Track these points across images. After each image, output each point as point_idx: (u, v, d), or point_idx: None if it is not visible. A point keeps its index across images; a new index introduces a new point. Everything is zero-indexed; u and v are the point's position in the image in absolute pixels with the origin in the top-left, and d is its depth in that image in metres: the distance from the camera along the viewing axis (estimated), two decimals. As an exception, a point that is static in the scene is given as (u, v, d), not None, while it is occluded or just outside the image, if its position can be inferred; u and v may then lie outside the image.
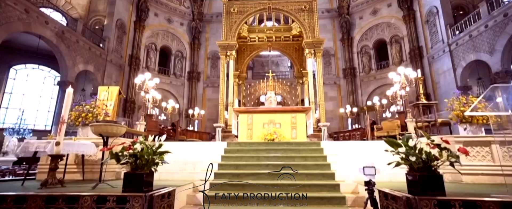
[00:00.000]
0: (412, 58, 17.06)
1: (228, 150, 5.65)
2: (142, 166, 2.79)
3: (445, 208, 2.28)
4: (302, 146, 5.89)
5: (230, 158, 5.33)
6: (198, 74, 20.27)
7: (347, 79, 19.69)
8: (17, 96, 16.03)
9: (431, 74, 16.53)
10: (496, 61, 12.61)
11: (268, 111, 7.81)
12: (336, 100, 19.63)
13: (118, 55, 16.78)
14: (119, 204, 2.53)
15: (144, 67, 18.48)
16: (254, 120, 7.34)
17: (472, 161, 4.07)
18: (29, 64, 16.41)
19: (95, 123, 3.39)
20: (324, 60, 20.18)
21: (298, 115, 7.36)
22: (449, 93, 15.03)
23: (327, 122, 10.47)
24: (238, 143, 6.43)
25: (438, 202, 2.29)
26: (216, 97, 19.48)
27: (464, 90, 14.47)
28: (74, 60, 13.88)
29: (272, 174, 4.50)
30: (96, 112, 4.85)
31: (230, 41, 10.04)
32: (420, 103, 5.82)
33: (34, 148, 3.64)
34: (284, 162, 5.01)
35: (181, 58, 20.47)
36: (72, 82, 13.90)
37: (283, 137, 7.21)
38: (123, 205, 2.54)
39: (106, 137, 3.38)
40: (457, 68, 14.77)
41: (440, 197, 2.35)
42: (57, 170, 3.43)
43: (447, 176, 4.15)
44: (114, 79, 16.45)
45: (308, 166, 4.88)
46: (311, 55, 9.68)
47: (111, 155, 2.71)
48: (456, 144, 4.17)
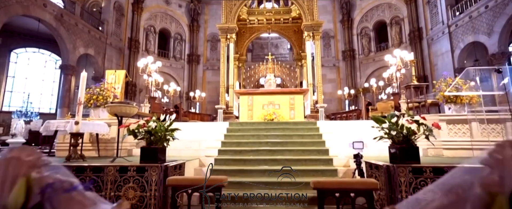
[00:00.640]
0: (412, 40, 17.08)
1: (230, 129, 6.05)
2: (156, 141, 3.16)
3: (418, 173, 2.67)
4: (299, 126, 6.29)
5: (232, 136, 5.74)
6: (197, 57, 20.32)
7: (346, 62, 19.78)
8: (20, 80, 16.26)
9: (429, 56, 16.63)
10: (493, 43, 12.73)
11: (268, 92, 8.13)
12: (335, 83, 19.86)
13: (118, 38, 16.76)
14: (138, 173, 2.94)
15: (144, 50, 18.50)
16: (254, 101, 7.69)
17: (453, 137, 4.47)
18: (30, 48, 16.45)
19: (111, 104, 3.72)
20: (324, 42, 20.14)
21: (296, 96, 7.70)
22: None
23: (326, 104, 10.76)
24: (240, 123, 6.83)
25: (412, 168, 2.69)
26: (216, 80, 19.68)
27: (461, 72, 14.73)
28: (74, 43, 13.94)
29: (271, 150, 4.92)
30: (106, 94, 5.17)
31: (230, 24, 10.12)
32: (412, 85, 6.14)
33: (55, 127, 4.00)
34: (282, 140, 5.43)
35: (180, 41, 20.40)
36: (73, 66, 14.08)
37: (282, 117, 7.59)
38: (142, 174, 2.94)
39: (120, 117, 3.73)
40: (455, 50, 14.88)
41: (415, 165, 2.74)
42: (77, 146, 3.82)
43: (430, 151, 4.56)
44: (114, 63, 16.57)
45: (304, 143, 5.29)
46: (310, 38, 9.82)
47: (129, 132, 3.07)
48: (441, 122, 4.55)
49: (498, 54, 12.50)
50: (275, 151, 4.97)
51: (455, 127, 4.49)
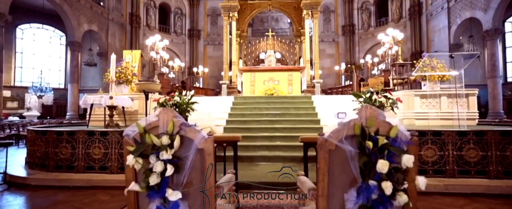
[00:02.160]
0: (411, 15, 17.21)
1: (235, 103, 6.88)
2: (180, 112, 3.99)
3: (382, 135, 3.54)
4: (296, 100, 7.11)
5: (237, 109, 6.59)
6: (198, 32, 20.49)
7: (346, 36, 20.03)
8: (28, 56, 16.73)
9: (427, 32, 16.92)
10: (488, 19, 13.05)
11: (268, 69, 8.84)
12: (334, 58, 20.31)
13: (119, 13, 16.87)
14: (169, 136, 3.81)
15: (145, 25, 18.64)
16: (256, 78, 8.44)
17: (424, 109, 5.30)
18: (34, 24, 16.64)
19: (139, 82, 4.49)
20: (324, 16, 20.19)
21: (294, 73, 8.43)
22: (440, 51, 15.77)
23: (325, 78, 11.26)
24: (243, 97, 7.63)
25: (378, 132, 3.55)
26: (217, 55, 20.12)
27: (456, 48, 15.18)
28: (78, 20, 14.20)
29: (271, 120, 5.80)
30: (127, 72, 5.89)
31: (232, 2, 10.43)
32: (397, 63, 6.84)
33: (91, 101, 4.80)
34: (281, 112, 6.29)
35: (180, 16, 20.41)
36: (79, 42, 14.48)
37: (281, 92, 8.39)
38: (172, 136, 3.82)
39: (147, 92, 4.51)
40: (452, 26, 15.17)
41: (380, 129, 3.60)
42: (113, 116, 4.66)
43: (405, 121, 5.42)
44: (117, 38, 16.90)
45: (300, 115, 6.16)
46: (309, 17, 10.22)
47: (159, 104, 3.89)
48: (415, 96, 5.36)
49: (491, 30, 12.90)
50: (275, 121, 5.85)
51: (427, 100, 5.30)
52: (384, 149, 1.22)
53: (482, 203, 2.90)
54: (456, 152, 3.36)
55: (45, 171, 3.84)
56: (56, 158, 3.83)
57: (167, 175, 1.27)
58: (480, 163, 3.33)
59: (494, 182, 3.18)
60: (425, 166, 3.43)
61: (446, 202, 2.97)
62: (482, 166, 3.32)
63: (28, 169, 4.10)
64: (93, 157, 3.79)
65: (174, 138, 1.32)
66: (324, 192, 1.34)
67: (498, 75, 13.18)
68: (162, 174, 1.28)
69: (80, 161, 3.78)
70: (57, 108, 17.33)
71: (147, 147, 1.31)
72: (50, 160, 3.84)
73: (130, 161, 1.29)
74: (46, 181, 3.57)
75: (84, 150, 3.79)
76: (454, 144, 3.38)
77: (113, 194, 3.27)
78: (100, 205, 2.97)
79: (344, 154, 1.30)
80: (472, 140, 3.35)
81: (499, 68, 13.92)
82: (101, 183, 3.52)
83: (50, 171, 3.80)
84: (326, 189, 1.34)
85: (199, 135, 1.36)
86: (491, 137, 3.27)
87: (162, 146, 1.29)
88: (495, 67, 13.05)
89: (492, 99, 13.16)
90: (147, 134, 1.32)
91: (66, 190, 3.45)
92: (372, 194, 1.20)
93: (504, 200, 2.98)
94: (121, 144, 3.79)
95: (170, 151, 1.30)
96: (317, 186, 1.38)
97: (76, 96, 14.49)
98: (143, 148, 1.31)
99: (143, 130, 1.34)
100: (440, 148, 3.40)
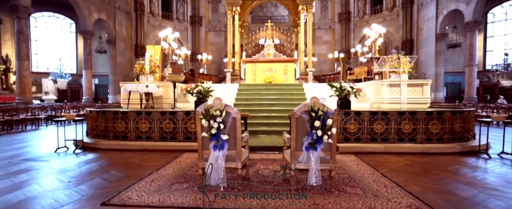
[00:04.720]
0: (404, 4, 18.15)
1: (240, 89, 8.31)
2: (202, 97, 5.43)
3: (347, 115, 5.01)
4: (290, 87, 8.55)
5: (242, 94, 8.03)
6: (200, 19, 21.35)
7: (342, 24, 21.01)
8: (42, 44, 17.76)
9: (417, 21, 17.98)
10: (470, 12, 14.18)
11: (268, 61, 10.22)
12: (330, 45, 21.41)
13: (124, 1, 17.70)
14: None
15: (149, 12, 19.47)
16: (257, 68, 9.83)
17: (390, 95, 6.76)
18: (45, 12, 17.51)
19: (169, 74, 5.88)
20: (321, 4, 21.07)
21: (289, 64, 9.82)
22: (428, 40, 16.99)
23: (321, 65, 12.37)
24: (246, 84, 9.05)
25: (345, 112, 5.02)
26: (218, 41, 21.18)
27: (441, 37, 16.38)
28: (89, 9, 15.16)
29: (269, 103, 7.27)
30: (152, 65, 7.24)
31: (235, -3, 11.54)
32: (374, 57, 8.20)
33: (130, 88, 6.20)
34: (277, 96, 7.74)
35: (183, 2, 21.16)
36: (91, 30, 15.55)
37: (277, 80, 9.79)
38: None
39: (174, 82, 5.91)
40: (439, 17, 16.25)
41: (346, 110, 5.07)
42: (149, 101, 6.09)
43: (373, 105, 6.90)
44: (124, 26, 17.88)
45: (292, 99, 7.62)
46: (304, 11, 11.38)
47: (187, 91, 5.31)
48: (382, 85, 6.79)
49: (472, 22, 14.09)
50: (272, 104, 7.32)
51: (392, 88, 6.74)
52: (320, 117, 2.69)
53: (405, 157, 4.46)
54: (396, 125, 4.86)
55: (106, 140, 5.34)
56: (114, 130, 5.32)
57: (220, 128, 2.74)
58: (411, 134, 4.85)
59: (418, 145, 4.72)
60: (375, 135, 4.94)
61: (385, 158, 4.52)
62: (413, 136, 4.85)
63: (91, 138, 5.59)
64: (141, 130, 5.27)
65: (223, 111, 2.77)
66: (294, 137, 2.83)
67: (474, 63, 14.56)
68: (217, 128, 2.74)
69: (132, 132, 5.27)
70: (72, 92, 18.70)
71: (210, 116, 2.77)
72: (109, 132, 5.33)
73: (203, 123, 2.75)
74: (111, 145, 5.08)
75: (135, 124, 5.26)
76: (396, 120, 4.87)
77: (161, 154, 4.78)
78: (155, 160, 4.48)
79: (303, 119, 2.76)
80: (408, 118, 4.85)
81: (476, 57, 15.25)
82: (150, 147, 5.03)
83: (111, 140, 5.30)
84: (295, 136, 2.82)
85: (234, 110, 2.82)
86: (419, 115, 4.76)
87: (217, 115, 2.75)
88: (472, 56, 14.40)
89: (468, 85, 14.66)
90: (210, 109, 2.77)
91: (127, 151, 4.96)
92: (314, 136, 2.68)
93: (421, 156, 4.54)
94: (161, 120, 5.27)
95: (220, 118, 2.76)
96: (291, 135, 2.86)
97: (90, 81, 15.79)
98: (209, 116, 2.77)
99: (207, 107, 2.79)
100: (386, 123, 4.90)
